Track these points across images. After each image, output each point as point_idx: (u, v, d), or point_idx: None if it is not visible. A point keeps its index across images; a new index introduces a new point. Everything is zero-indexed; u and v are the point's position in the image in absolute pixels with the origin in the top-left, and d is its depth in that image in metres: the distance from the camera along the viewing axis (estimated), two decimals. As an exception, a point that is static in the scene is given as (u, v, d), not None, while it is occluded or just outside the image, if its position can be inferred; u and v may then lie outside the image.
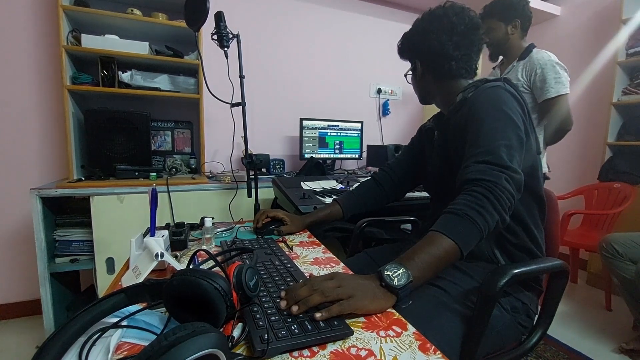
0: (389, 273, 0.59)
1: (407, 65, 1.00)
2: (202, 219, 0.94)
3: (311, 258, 0.85)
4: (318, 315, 0.51)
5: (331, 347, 0.48)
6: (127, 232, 1.57)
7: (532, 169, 0.80)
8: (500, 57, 1.73)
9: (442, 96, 0.96)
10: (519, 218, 0.80)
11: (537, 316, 0.83)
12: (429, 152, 1.04)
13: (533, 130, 0.81)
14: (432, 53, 0.89)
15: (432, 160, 1.00)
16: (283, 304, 0.54)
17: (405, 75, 1.02)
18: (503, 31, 1.61)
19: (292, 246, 0.93)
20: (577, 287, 2.33)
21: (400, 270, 0.59)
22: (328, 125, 2.33)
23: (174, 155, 2.09)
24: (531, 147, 0.80)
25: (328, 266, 0.80)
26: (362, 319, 0.55)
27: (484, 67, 2.43)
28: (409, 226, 1.56)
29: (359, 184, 1.19)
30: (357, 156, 2.47)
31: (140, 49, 1.76)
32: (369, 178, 1.18)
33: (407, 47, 0.97)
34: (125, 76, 1.79)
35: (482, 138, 0.73)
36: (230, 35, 1.53)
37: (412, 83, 1.02)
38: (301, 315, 0.52)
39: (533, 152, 0.81)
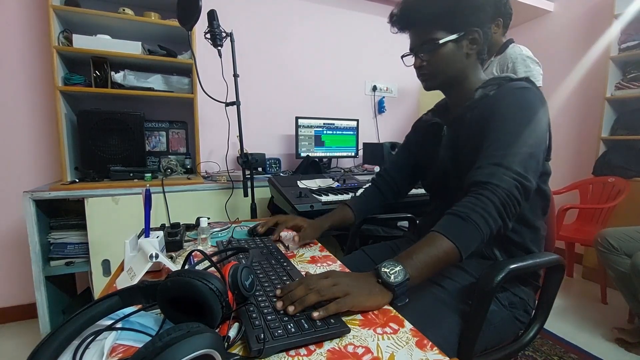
0: (385, 270, 0.59)
1: (404, 48, 0.87)
2: (198, 219, 0.94)
3: (308, 256, 0.84)
4: (316, 314, 0.51)
5: (328, 345, 0.48)
6: (122, 234, 1.54)
7: (543, 174, 0.78)
8: None
9: (463, 84, 0.85)
10: (523, 217, 0.79)
11: (534, 311, 0.84)
12: (433, 148, 0.94)
13: (550, 137, 0.78)
14: (487, 24, 0.77)
15: (438, 157, 0.91)
16: (279, 304, 0.54)
17: (439, 42, 0.79)
18: None
19: (288, 245, 0.93)
20: (572, 281, 2.35)
21: (398, 268, 0.59)
22: (324, 124, 2.32)
23: (169, 156, 2.08)
24: (547, 153, 0.77)
25: (325, 264, 0.79)
26: (359, 317, 0.55)
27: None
28: (405, 223, 1.56)
29: (363, 189, 1.13)
30: (353, 154, 2.47)
31: (132, 48, 1.74)
32: (370, 184, 1.12)
33: (459, 10, 0.77)
34: (118, 76, 1.77)
35: (502, 140, 0.70)
36: (224, 34, 1.52)
37: (441, 58, 0.81)
38: (298, 314, 0.52)
39: (544, 158, 0.77)
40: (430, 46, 0.80)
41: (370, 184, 1.12)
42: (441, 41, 0.78)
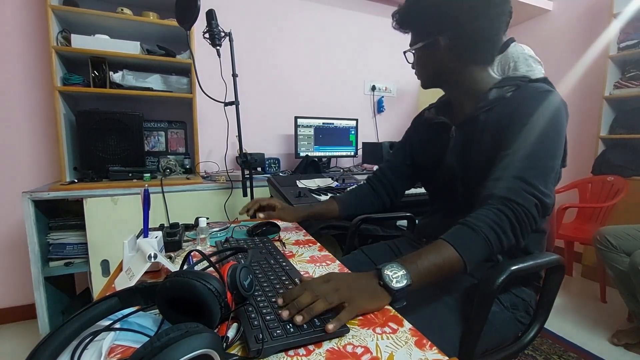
0: (388, 273, 0.58)
1: (404, 49, 0.86)
2: (197, 219, 0.94)
3: (307, 256, 0.84)
4: (330, 326, 0.48)
5: (327, 345, 0.48)
6: (121, 234, 1.55)
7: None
8: None
9: (462, 84, 0.82)
10: None
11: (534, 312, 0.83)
12: (438, 150, 0.89)
13: (566, 142, 0.75)
14: (464, 28, 0.74)
15: (444, 160, 0.87)
16: (285, 313, 0.51)
17: (412, 50, 0.83)
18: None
19: (286, 244, 0.92)
20: (572, 280, 2.36)
21: (401, 272, 0.58)
22: (323, 124, 2.32)
23: (168, 156, 2.08)
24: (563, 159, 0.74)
25: (324, 264, 0.79)
26: (358, 316, 0.55)
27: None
28: (404, 222, 1.56)
29: (356, 185, 1.14)
30: (352, 154, 2.47)
31: (131, 48, 1.74)
32: (365, 182, 1.11)
33: (428, 16, 0.78)
34: (116, 76, 1.77)
35: (526, 150, 0.67)
36: (222, 34, 1.52)
37: (420, 61, 0.84)
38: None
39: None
40: (411, 49, 0.83)
41: (365, 182, 1.11)
42: (414, 47, 0.82)
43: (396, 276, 0.58)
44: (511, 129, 0.70)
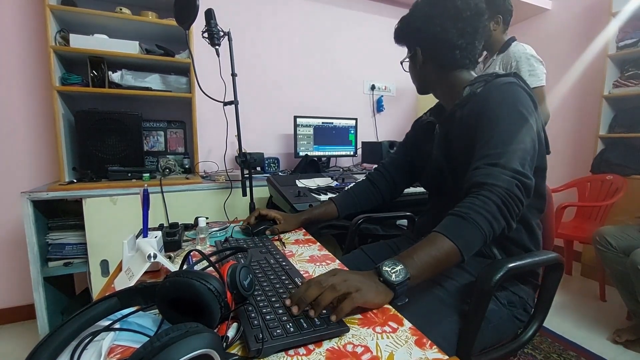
0: (387, 269, 0.59)
1: (402, 54, 0.94)
2: (196, 219, 0.94)
3: (307, 256, 0.84)
4: (333, 317, 0.50)
5: (327, 345, 0.48)
6: (120, 234, 1.54)
7: (539, 169, 0.78)
8: (484, 52, 1.74)
9: (443, 87, 0.91)
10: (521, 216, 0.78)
11: (533, 309, 0.84)
12: (428, 147, 0.96)
13: (543, 129, 0.78)
14: (435, 40, 0.84)
15: (432, 155, 0.94)
16: (295, 309, 0.52)
17: (402, 63, 0.96)
18: (486, 27, 1.62)
19: (286, 244, 0.92)
20: (571, 279, 2.36)
21: (398, 267, 0.59)
22: (322, 123, 2.32)
23: (167, 156, 2.07)
24: (542, 146, 0.77)
25: (324, 264, 0.79)
26: (358, 316, 0.55)
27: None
28: (404, 222, 1.56)
29: (354, 183, 1.16)
30: (352, 153, 2.47)
31: (130, 48, 1.74)
32: (364, 178, 1.14)
33: (407, 33, 0.91)
34: (115, 76, 1.77)
35: (496, 139, 0.70)
36: (221, 33, 1.51)
37: (410, 71, 0.95)
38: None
39: (543, 152, 0.78)
40: (402, 62, 0.96)
41: (364, 178, 1.14)
42: (403, 60, 0.95)
43: (394, 271, 0.58)
44: (481, 122, 0.75)
